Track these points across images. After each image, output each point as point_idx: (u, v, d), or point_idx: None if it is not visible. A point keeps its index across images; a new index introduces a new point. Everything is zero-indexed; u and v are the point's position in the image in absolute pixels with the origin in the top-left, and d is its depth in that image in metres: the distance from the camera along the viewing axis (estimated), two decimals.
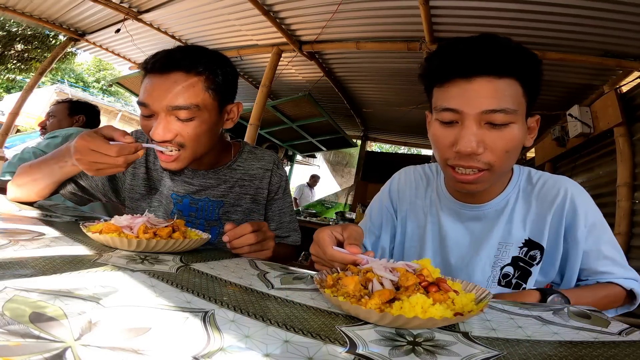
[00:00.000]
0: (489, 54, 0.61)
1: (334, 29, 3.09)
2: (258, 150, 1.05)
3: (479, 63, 0.61)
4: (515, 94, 0.62)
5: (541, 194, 0.75)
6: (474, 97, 0.61)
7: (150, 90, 0.76)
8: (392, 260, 0.50)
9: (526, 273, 0.73)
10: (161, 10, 3.32)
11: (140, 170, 0.96)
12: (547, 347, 0.36)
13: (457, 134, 0.63)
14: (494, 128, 0.62)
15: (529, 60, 0.63)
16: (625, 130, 2.51)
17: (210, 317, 0.35)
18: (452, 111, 0.63)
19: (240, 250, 0.69)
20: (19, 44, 5.81)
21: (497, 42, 0.62)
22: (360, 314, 0.40)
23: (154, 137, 0.76)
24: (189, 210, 0.94)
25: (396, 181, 0.91)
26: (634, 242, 2.41)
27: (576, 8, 2.21)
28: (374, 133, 6.43)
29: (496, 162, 0.64)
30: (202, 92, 0.78)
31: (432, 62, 0.67)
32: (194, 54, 0.79)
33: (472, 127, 0.61)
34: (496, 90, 0.60)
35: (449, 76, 0.63)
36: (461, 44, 0.63)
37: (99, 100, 15.05)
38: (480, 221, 0.77)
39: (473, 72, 0.61)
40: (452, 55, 0.63)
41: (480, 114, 0.61)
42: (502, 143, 0.62)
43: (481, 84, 0.61)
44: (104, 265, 0.47)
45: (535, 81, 0.64)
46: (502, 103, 0.60)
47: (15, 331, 0.26)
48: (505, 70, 0.61)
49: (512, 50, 0.62)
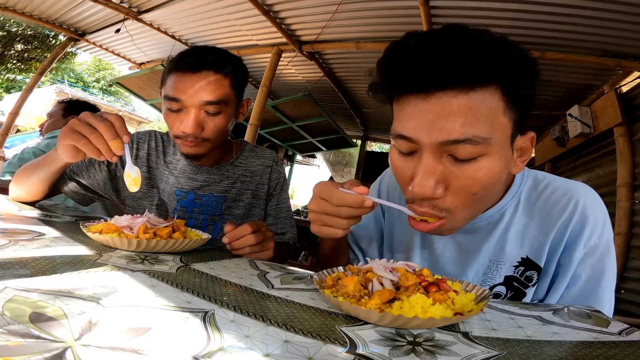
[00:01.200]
0: (454, 58, 0.44)
1: (334, 29, 3.09)
2: (258, 148, 1.10)
3: (438, 72, 0.44)
4: (490, 112, 0.46)
5: (547, 206, 0.61)
6: (431, 122, 0.46)
7: (182, 86, 0.82)
8: (392, 261, 0.50)
9: (519, 294, 0.63)
10: (161, 10, 3.32)
11: (142, 169, 0.98)
12: (547, 347, 0.36)
13: (414, 166, 0.50)
14: (457, 162, 0.48)
15: (514, 61, 0.46)
16: (625, 130, 2.51)
17: (210, 317, 0.35)
18: (406, 139, 0.49)
19: (241, 251, 0.69)
20: (19, 43, 5.81)
21: (464, 38, 0.44)
22: (360, 314, 0.40)
23: (184, 129, 0.83)
24: (193, 206, 0.97)
25: (386, 182, 0.83)
26: (634, 242, 2.41)
27: (576, 8, 2.21)
28: (374, 133, 6.43)
29: (457, 206, 0.50)
30: (228, 88, 0.86)
31: (382, 69, 0.51)
32: (220, 54, 0.87)
33: (428, 161, 0.48)
34: (461, 110, 0.45)
35: (401, 90, 0.49)
36: (416, 39, 0.46)
37: (99, 100, 15.06)
38: (471, 235, 0.66)
39: (431, 85, 0.45)
40: (405, 61, 0.47)
41: (438, 145, 0.47)
42: (468, 183, 0.48)
43: (442, 101, 0.45)
44: (104, 265, 0.47)
45: (525, 87, 0.48)
46: (468, 130, 0.45)
47: (15, 331, 0.26)
48: (478, 77, 0.45)
49: (486, 48, 0.44)
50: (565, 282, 0.60)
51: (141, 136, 1.01)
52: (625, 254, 2.41)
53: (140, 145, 0.99)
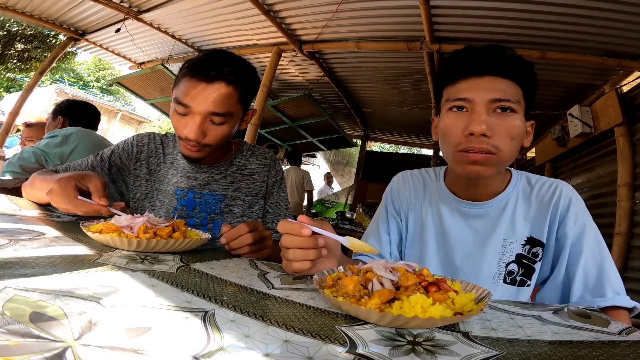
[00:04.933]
0: (496, 58, 0.71)
1: (334, 29, 3.08)
2: (256, 148, 1.12)
3: (487, 64, 0.70)
4: (516, 94, 0.70)
5: (540, 194, 0.79)
6: (483, 89, 0.69)
7: (194, 94, 0.84)
8: (392, 261, 0.50)
9: (529, 270, 0.76)
10: (161, 10, 3.32)
11: (142, 171, 1.01)
12: (547, 347, 0.36)
13: (468, 120, 0.70)
14: (500, 116, 0.69)
15: (528, 69, 0.72)
16: (625, 130, 2.51)
17: (211, 317, 0.35)
18: (463, 100, 0.71)
19: (239, 251, 0.70)
20: (19, 43, 5.80)
21: (502, 49, 0.73)
22: (360, 314, 0.40)
23: (188, 135, 0.85)
24: (193, 204, 0.98)
25: (395, 185, 0.93)
26: (634, 242, 2.40)
27: (577, 8, 2.21)
28: (374, 133, 6.43)
29: (503, 146, 0.69)
30: (237, 102, 0.89)
31: (447, 64, 0.76)
32: (236, 66, 0.88)
33: (482, 112, 0.68)
34: (501, 86, 0.69)
35: (462, 74, 0.72)
36: (473, 49, 0.74)
37: (98, 99, 15.06)
38: (483, 219, 0.79)
39: (482, 72, 0.70)
40: (465, 58, 0.73)
41: (489, 102, 0.68)
42: (507, 129, 0.69)
43: (489, 80, 0.70)
44: (104, 265, 0.47)
45: (532, 88, 0.73)
46: (507, 95, 0.69)
47: (16, 331, 0.27)
48: (509, 73, 0.70)
49: (514, 57, 0.72)
50: (566, 255, 0.73)
51: (140, 139, 1.03)
52: (625, 254, 2.41)
53: (140, 149, 1.02)
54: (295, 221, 0.57)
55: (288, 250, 0.56)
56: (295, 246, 0.56)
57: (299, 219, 0.57)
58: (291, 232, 0.56)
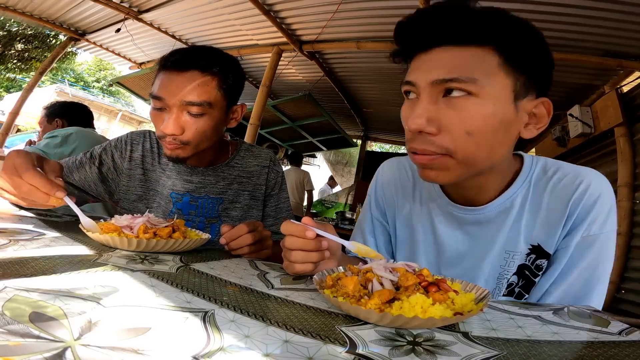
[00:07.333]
0: (447, 21, 0.53)
1: (334, 29, 3.09)
2: (255, 148, 1.07)
3: (435, 32, 0.54)
4: (482, 64, 0.52)
5: (557, 189, 0.61)
6: (427, 68, 0.54)
7: (166, 84, 0.80)
8: (392, 261, 0.50)
9: (530, 284, 0.63)
10: (161, 10, 3.32)
11: (137, 171, 0.96)
12: (547, 347, 0.36)
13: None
14: (451, 102, 0.52)
15: (510, 23, 0.53)
16: (625, 130, 2.51)
17: (210, 317, 0.35)
18: (408, 84, 0.56)
19: (239, 251, 0.69)
20: (19, 43, 5.81)
21: (459, 7, 0.53)
22: (360, 314, 0.40)
23: (164, 130, 0.80)
24: (189, 208, 0.95)
25: (380, 180, 0.82)
26: (635, 242, 2.41)
27: (577, 8, 2.21)
28: (374, 133, 6.42)
29: (456, 146, 0.53)
30: (215, 90, 0.82)
31: (395, 36, 0.59)
32: (210, 54, 0.84)
33: (424, 101, 0.53)
34: (452, 59, 0.52)
35: (411, 52, 0.58)
36: (418, 11, 0.56)
37: (99, 100, 15.07)
38: (482, 226, 0.65)
39: (430, 44, 0.54)
40: (409, 26, 0.57)
41: (431, 85, 0.53)
42: (459, 121, 0.52)
43: (437, 53, 0.54)
44: (104, 265, 0.47)
45: (527, 49, 0.53)
46: (454, 71, 0.51)
47: (16, 331, 0.26)
48: (469, 37, 0.52)
49: (479, 15, 0.52)
50: (559, 267, 0.59)
51: (135, 137, 0.98)
52: (625, 254, 2.41)
53: (134, 147, 0.97)
54: (299, 223, 0.55)
55: (291, 251, 0.55)
56: (298, 248, 0.54)
57: (303, 220, 0.55)
58: (295, 233, 0.54)
